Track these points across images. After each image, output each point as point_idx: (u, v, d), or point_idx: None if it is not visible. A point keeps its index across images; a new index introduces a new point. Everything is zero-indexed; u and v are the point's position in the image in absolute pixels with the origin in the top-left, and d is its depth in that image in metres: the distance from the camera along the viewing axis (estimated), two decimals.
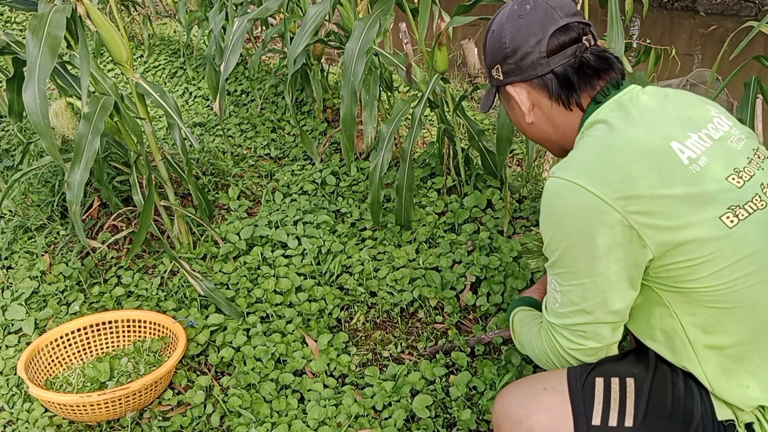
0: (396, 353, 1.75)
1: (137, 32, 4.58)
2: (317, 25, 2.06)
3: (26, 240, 2.28)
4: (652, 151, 0.97)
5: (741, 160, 1.01)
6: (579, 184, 0.96)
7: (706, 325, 0.99)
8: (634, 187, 0.94)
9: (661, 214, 0.94)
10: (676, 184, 0.95)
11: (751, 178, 0.99)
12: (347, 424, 1.51)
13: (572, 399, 1.06)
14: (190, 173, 2.14)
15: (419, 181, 2.34)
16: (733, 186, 0.97)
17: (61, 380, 1.69)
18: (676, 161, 0.97)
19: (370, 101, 2.15)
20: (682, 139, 0.99)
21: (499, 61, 1.14)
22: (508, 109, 1.21)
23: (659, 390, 1.04)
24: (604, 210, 0.94)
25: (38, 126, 1.47)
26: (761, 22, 1.73)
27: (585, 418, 1.04)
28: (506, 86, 1.15)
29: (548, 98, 1.12)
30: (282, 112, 3.19)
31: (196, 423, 1.58)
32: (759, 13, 6.30)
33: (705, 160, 0.98)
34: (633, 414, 1.03)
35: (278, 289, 1.95)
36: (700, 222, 0.94)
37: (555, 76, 1.10)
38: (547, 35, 1.08)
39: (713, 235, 0.94)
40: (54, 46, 1.50)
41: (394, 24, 2.90)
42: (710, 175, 0.97)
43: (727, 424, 1.01)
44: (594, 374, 1.07)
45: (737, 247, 0.95)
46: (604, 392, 1.05)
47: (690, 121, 1.04)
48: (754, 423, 1.00)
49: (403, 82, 3.19)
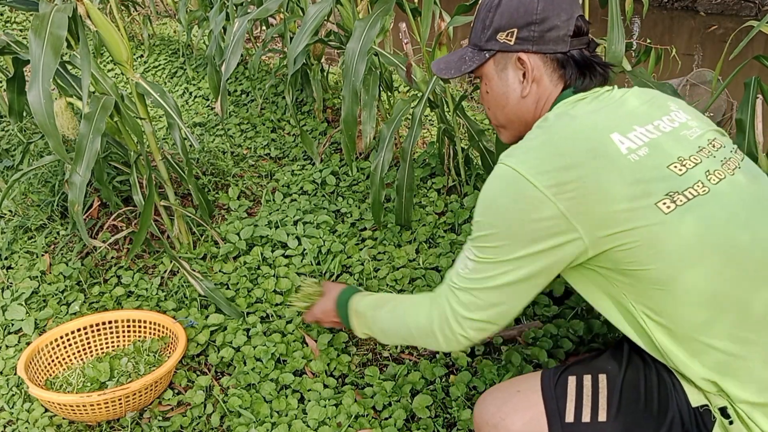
0: (396, 353, 1.75)
1: (137, 32, 4.58)
2: (317, 25, 2.06)
3: (26, 240, 2.29)
4: (591, 141, 0.99)
5: (689, 149, 1.03)
6: (518, 171, 0.99)
7: (654, 306, 1.00)
8: (566, 176, 0.96)
9: (591, 202, 0.95)
10: (611, 173, 0.96)
11: (695, 166, 1.01)
12: (347, 424, 1.51)
13: (545, 398, 1.08)
14: (190, 173, 2.14)
15: (419, 181, 2.34)
16: (673, 173, 0.99)
17: (61, 380, 1.69)
18: (614, 151, 0.98)
19: (370, 101, 2.16)
20: (624, 131, 1.01)
21: (520, 25, 1.11)
22: (499, 79, 1.16)
23: (631, 383, 1.05)
24: (537, 196, 0.97)
25: (44, 126, 1.47)
26: (761, 22, 1.73)
27: (558, 415, 1.06)
28: (519, 53, 1.12)
29: (551, 75, 1.12)
30: (282, 112, 3.19)
31: (196, 423, 1.58)
32: (759, 13, 6.30)
33: (645, 150, 1.00)
34: (606, 408, 1.04)
35: (278, 289, 1.95)
36: (635, 208, 0.95)
37: (572, 59, 1.11)
38: (575, 16, 1.10)
39: (648, 221, 0.95)
40: (57, 46, 1.51)
41: (394, 24, 2.90)
42: (649, 164, 0.98)
43: (703, 410, 1.01)
44: (567, 373, 1.09)
45: (674, 232, 0.96)
46: (577, 389, 1.07)
47: (641, 115, 1.06)
48: (728, 407, 0.99)
49: (403, 82, 3.19)
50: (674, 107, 1.12)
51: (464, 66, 1.19)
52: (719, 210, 0.98)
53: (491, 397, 1.14)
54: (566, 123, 1.04)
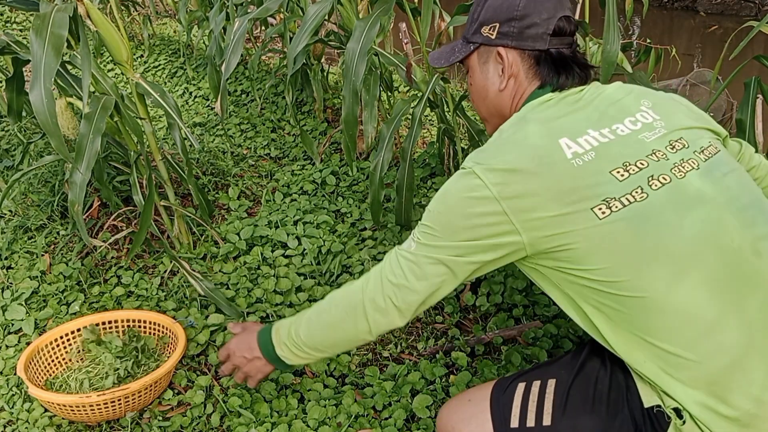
0: (396, 353, 1.75)
1: (137, 32, 4.58)
2: (317, 25, 2.06)
3: (26, 240, 2.28)
4: (537, 148, 1.02)
5: (638, 154, 1.04)
6: (471, 169, 1.03)
7: (594, 302, 1.02)
8: (512, 178, 1.00)
9: (531, 204, 0.99)
10: (551, 179, 0.99)
11: (639, 171, 1.02)
12: (347, 424, 1.51)
13: (492, 406, 1.11)
14: (190, 173, 2.14)
15: (419, 181, 2.34)
16: (614, 179, 1.00)
17: (60, 380, 1.69)
18: (560, 157, 1.01)
19: (370, 101, 2.15)
20: (575, 136, 1.04)
21: (501, 20, 1.15)
22: (480, 72, 1.21)
23: (581, 387, 1.07)
24: (483, 192, 1.01)
25: (46, 125, 1.48)
26: (761, 22, 1.73)
27: (503, 421, 1.08)
28: (498, 47, 1.16)
29: (527, 71, 1.15)
30: (282, 112, 3.19)
31: (196, 423, 1.58)
32: (759, 13, 6.30)
33: (592, 155, 1.02)
34: (551, 412, 1.06)
35: (278, 289, 1.95)
36: (571, 212, 0.98)
37: (549, 56, 1.14)
38: (556, 16, 1.12)
39: (583, 225, 0.98)
40: (58, 46, 1.51)
41: (394, 24, 2.90)
42: (591, 168, 1.00)
43: (656, 411, 1.01)
44: (518, 380, 1.13)
45: (608, 237, 0.98)
46: (523, 395, 1.10)
47: (601, 118, 1.08)
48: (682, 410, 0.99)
49: (403, 82, 3.19)
50: (646, 106, 1.13)
51: (452, 57, 1.25)
52: (653, 217, 0.99)
53: (446, 409, 1.18)
54: (520, 128, 1.07)
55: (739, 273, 0.99)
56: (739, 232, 1.01)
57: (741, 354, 0.96)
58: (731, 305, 0.97)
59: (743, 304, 0.98)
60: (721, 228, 1.00)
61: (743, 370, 0.96)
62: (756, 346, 0.97)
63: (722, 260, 0.98)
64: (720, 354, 0.96)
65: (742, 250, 1.00)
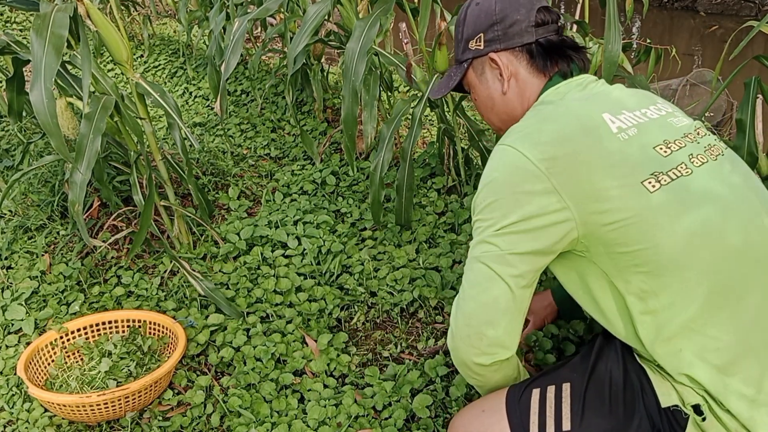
0: (396, 353, 1.75)
1: (137, 32, 4.58)
2: (317, 25, 2.06)
3: (26, 240, 2.28)
4: (582, 119, 1.03)
5: (674, 134, 1.06)
6: (513, 147, 1.02)
7: (639, 291, 1.00)
8: (559, 151, 0.99)
9: (582, 177, 0.98)
10: (601, 150, 1.00)
11: (680, 149, 1.04)
12: (347, 424, 1.51)
13: (509, 414, 1.08)
14: (190, 173, 2.14)
15: (419, 181, 2.34)
16: (658, 155, 1.02)
17: (60, 380, 1.69)
18: (605, 129, 1.02)
19: (370, 101, 2.15)
20: (614, 113, 1.05)
21: (483, 29, 1.19)
22: (480, 84, 1.23)
23: (596, 389, 1.06)
24: (530, 169, 0.99)
25: (47, 125, 1.48)
26: (761, 22, 1.73)
27: (522, 429, 1.06)
28: (488, 54, 1.19)
29: (526, 67, 1.18)
30: (282, 112, 3.19)
31: (196, 423, 1.58)
32: (759, 13, 6.30)
33: (635, 131, 1.03)
34: (570, 417, 1.05)
35: (278, 289, 1.95)
36: (622, 185, 0.98)
37: (540, 46, 1.17)
38: (535, 8, 1.16)
39: (634, 199, 0.98)
40: (58, 46, 1.51)
41: (394, 24, 2.90)
42: (637, 143, 1.02)
43: (673, 409, 1.01)
44: (531, 387, 1.10)
45: (659, 211, 0.98)
46: (540, 401, 1.08)
47: (629, 102, 1.10)
48: (702, 405, 0.99)
49: (403, 82, 3.19)
50: (660, 102, 1.16)
51: (450, 82, 1.28)
52: (702, 191, 1.01)
53: (459, 421, 1.16)
54: (558, 104, 1.09)
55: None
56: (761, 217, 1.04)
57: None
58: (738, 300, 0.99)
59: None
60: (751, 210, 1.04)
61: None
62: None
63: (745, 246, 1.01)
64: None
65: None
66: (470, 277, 1.05)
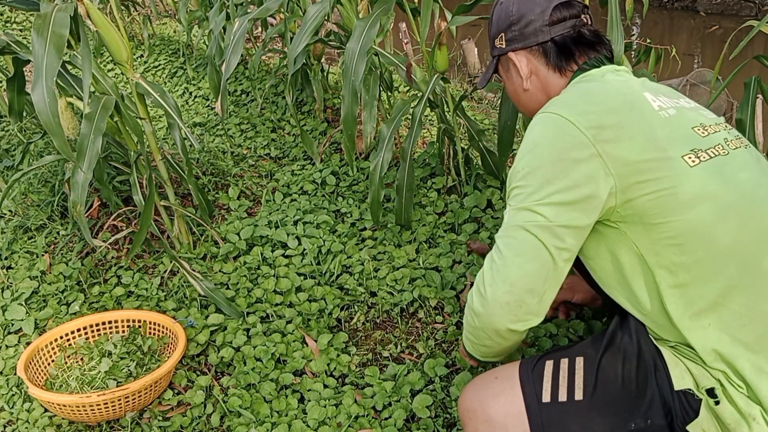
0: (396, 353, 1.75)
1: (137, 32, 4.58)
2: (317, 25, 2.06)
3: (26, 240, 2.28)
4: (626, 94, 1.08)
5: (709, 121, 1.12)
6: (558, 114, 1.05)
7: (670, 264, 1.02)
8: (606, 120, 1.03)
9: (627, 147, 1.01)
10: (645, 123, 1.04)
11: (715, 133, 1.09)
12: (347, 424, 1.51)
13: (522, 382, 1.11)
14: (190, 173, 2.14)
15: (419, 181, 2.34)
16: (696, 134, 1.06)
17: (60, 380, 1.69)
18: (647, 106, 1.07)
19: (370, 101, 2.15)
20: (654, 94, 1.11)
21: (503, 29, 1.25)
22: (507, 78, 1.31)
23: (609, 364, 1.08)
24: (576, 135, 1.01)
25: (49, 125, 1.48)
26: (761, 22, 1.73)
27: (535, 396, 1.08)
28: (508, 53, 1.25)
29: (545, 65, 1.22)
30: (282, 112, 3.19)
31: (196, 423, 1.58)
32: (759, 13, 6.30)
33: (673, 111, 1.08)
34: (583, 388, 1.07)
35: (278, 289, 1.95)
36: (663, 158, 1.01)
37: (554, 44, 1.21)
38: (551, 6, 1.20)
39: (674, 171, 1.01)
40: (59, 45, 1.51)
41: (394, 24, 2.90)
42: (677, 122, 1.06)
43: (687, 393, 1.02)
44: (544, 358, 1.13)
45: (698, 186, 1.01)
46: (553, 371, 1.10)
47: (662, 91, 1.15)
48: (716, 388, 1.00)
49: (403, 82, 3.19)
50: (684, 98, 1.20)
51: (486, 75, 1.38)
52: (739, 170, 1.05)
53: (471, 387, 1.18)
54: (599, 82, 1.13)
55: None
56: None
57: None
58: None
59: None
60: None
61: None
62: None
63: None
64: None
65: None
66: (513, 245, 1.03)
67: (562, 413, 1.06)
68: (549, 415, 1.07)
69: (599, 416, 1.05)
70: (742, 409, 0.98)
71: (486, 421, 1.11)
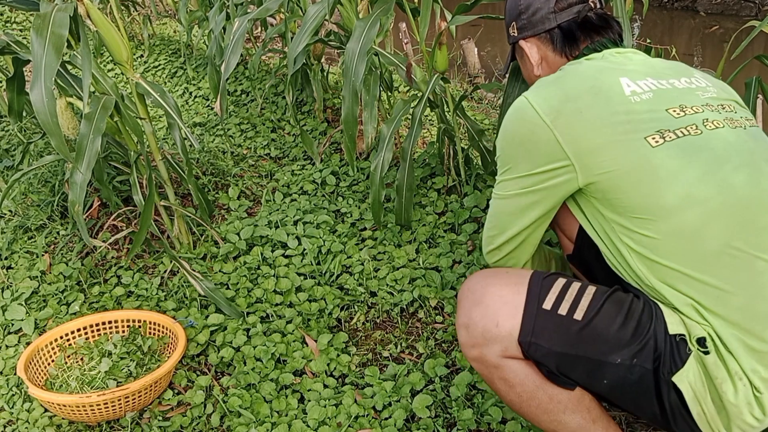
0: (396, 353, 1.75)
1: (137, 32, 4.58)
2: (317, 25, 2.06)
3: (26, 240, 2.28)
4: (596, 79, 1.10)
5: (694, 101, 1.10)
6: (526, 98, 1.11)
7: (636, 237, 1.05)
8: (566, 106, 1.07)
9: (582, 131, 1.05)
10: (606, 108, 1.05)
11: (695, 113, 1.08)
12: (347, 424, 1.51)
13: (531, 282, 1.12)
14: (190, 173, 2.14)
15: (419, 181, 2.34)
16: (670, 116, 1.06)
17: (60, 380, 1.69)
18: (617, 91, 1.08)
19: (370, 101, 2.15)
20: (634, 78, 1.10)
21: (514, 18, 1.30)
22: (522, 65, 1.37)
23: (616, 300, 1.09)
24: (535, 120, 1.08)
25: (47, 125, 1.48)
26: (763, 22, 1.73)
27: (537, 299, 1.10)
28: (519, 42, 1.31)
29: (553, 51, 1.27)
30: (282, 112, 3.19)
31: (196, 423, 1.58)
32: (759, 13, 6.30)
33: (649, 95, 1.08)
34: (585, 310, 1.08)
35: (278, 289, 1.95)
36: (623, 140, 1.03)
37: (560, 31, 1.25)
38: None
39: (633, 152, 1.03)
40: (59, 45, 1.51)
41: (394, 24, 2.90)
42: (648, 105, 1.07)
43: (679, 339, 1.03)
44: (558, 275, 1.15)
45: (659, 164, 1.02)
46: (563, 286, 1.12)
47: (659, 71, 1.15)
48: (707, 340, 1.01)
49: (403, 82, 3.19)
50: (699, 75, 1.19)
51: (507, 60, 1.46)
52: (708, 150, 1.04)
53: (480, 272, 1.21)
54: (576, 67, 1.17)
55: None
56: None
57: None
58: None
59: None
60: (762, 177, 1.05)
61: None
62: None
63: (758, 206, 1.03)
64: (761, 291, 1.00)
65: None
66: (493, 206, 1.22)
67: (556, 324, 1.08)
68: (543, 321, 1.08)
69: (588, 341, 1.06)
70: (729, 366, 1.00)
71: (480, 303, 1.13)
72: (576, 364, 1.08)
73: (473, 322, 1.13)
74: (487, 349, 1.12)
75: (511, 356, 1.12)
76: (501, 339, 1.10)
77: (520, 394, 1.13)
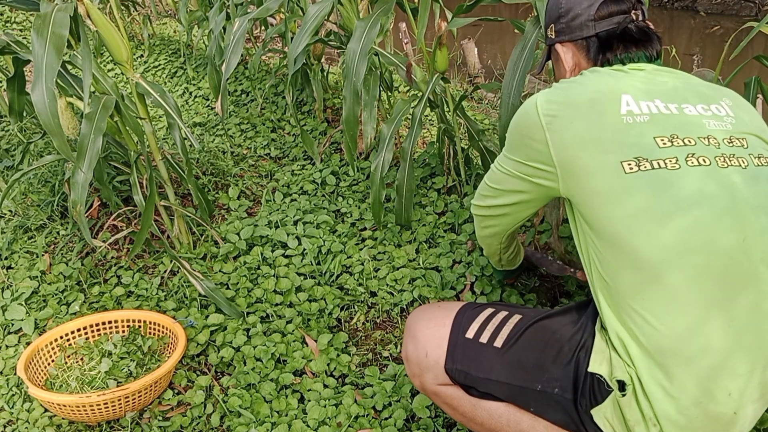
0: (396, 353, 1.75)
1: (137, 32, 4.58)
2: (317, 25, 2.06)
3: (26, 240, 2.28)
4: (597, 93, 1.09)
5: (692, 132, 1.05)
6: (537, 96, 1.13)
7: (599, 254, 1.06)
8: (563, 112, 1.08)
9: (569, 141, 1.06)
10: (596, 123, 1.05)
11: (683, 146, 1.03)
12: (347, 424, 1.51)
13: (457, 315, 1.23)
14: (190, 173, 2.14)
15: (419, 181, 2.34)
16: (654, 144, 1.03)
17: (60, 380, 1.69)
18: (613, 107, 1.06)
19: (370, 101, 2.15)
20: (638, 98, 1.07)
21: (553, 21, 1.29)
22: (556, 67, 1.36)
23: (540, 329, 1.14)
24: (535, 118, 1.10)
25: (48, 125, 1.48)
26: (761, 22, 1.73)
27: (461, 329, 1.20)
28: (556, 45, 1.29)
29: (587, 58, 1.25)
30: (282, 112, 3.19)
31: (196, 423, 1.58)
32: (759, 13, 6.29)
33: (646, 118, 1.05)
34: (504, 338, 1.16)
35: (278, 289, 1.95)
36: (599, 160, 1.03)
37: (598, 40, 1.22)
38: (598, 2, 1.21)
39: (608, 174, 1.02)
40: (59, 45, 1.51)
41: (394, 24, 2.90)
42: (638, 130, 1.04)
43: (598, 378, 1.05)
44: (488, 306, 1.24)
45: (627, 192, 1.01)
46: (488, 316, 1.20)
47: (673, 95, 1.10)
48: (627, 384, 1.01)
49: (403, 82, 3.19)
50: (726, 103, 1.12)
51: (541, 61, 1.45)
52: (676, 188, 1.00)
53: (419, 308, 1.33)
54: (591, 75, 1.15)
55: (739, 273, 0.98)
56: (759, 236, 0.99)
57: (725, 354, 0.97)
58: (719, 302, 0.98)
59: (732, 303, 0.98)
60: (742, 226, 0.99)
61: (726, 369, 0.97)
62: (742, 346, 0.98)
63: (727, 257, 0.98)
64: (706, 352, 0.97)
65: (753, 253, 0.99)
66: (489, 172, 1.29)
67: (476, 352, 1.17)
68: (465, 349, 1.18)
69: (508, 368, 1.13)
70: (644, 410, 1.00)
71: (414, 337, 1.25)
72: (500, 389, 1.15)
73: (409, 355, 1.25)
74: (424, 378, 1.23)
75: (443, 383, 1.22)
76: (431, 368, 1.21)
77: (463, 414, 1.22)
